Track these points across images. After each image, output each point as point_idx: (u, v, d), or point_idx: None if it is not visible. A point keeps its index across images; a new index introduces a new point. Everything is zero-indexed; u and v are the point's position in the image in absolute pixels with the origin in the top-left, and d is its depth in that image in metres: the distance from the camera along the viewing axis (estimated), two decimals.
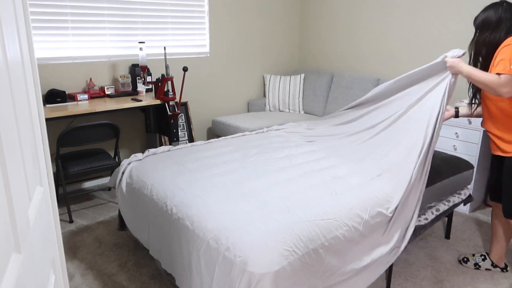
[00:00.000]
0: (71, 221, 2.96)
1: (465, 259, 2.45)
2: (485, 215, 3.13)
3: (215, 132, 4.16)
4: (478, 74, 1.95)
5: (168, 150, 2.63)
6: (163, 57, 3.87)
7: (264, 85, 4.74)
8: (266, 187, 2.02)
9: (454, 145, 3.20)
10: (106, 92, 3.46)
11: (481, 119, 2.26)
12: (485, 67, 2.06)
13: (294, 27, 4.88)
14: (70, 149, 3.22)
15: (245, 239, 1.60)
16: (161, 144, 3.74)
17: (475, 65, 2.10)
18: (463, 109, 2.32)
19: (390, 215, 1.96)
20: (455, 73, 2.13)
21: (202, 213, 1.80)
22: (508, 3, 1.98)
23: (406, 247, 2.10)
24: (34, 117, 1.02)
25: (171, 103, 3.39)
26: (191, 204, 1.88)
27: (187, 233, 1.80)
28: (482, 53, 2.06)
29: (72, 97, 3.23)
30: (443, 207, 2.42)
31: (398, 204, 1.98)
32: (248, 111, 4.70)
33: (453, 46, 3.57)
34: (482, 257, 2.41)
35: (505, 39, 1.94)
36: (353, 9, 4.30)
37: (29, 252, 0.75)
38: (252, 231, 1.63)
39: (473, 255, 2.45)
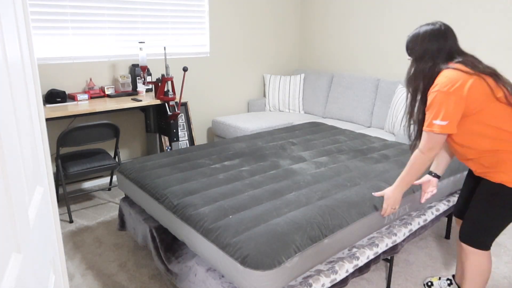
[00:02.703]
0: (71, 221, 2.96)
1: (429, 284, 2.20)
2: None
3: (215, 132, 4.16)
4: (407, 172, 1.80)
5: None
6: (163, 57, 3.87)
7: (264, 85, 4.74)
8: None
9: None
10: (106, 92, 3.46)
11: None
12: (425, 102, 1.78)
13: (294, 27, 4.88)
14: (70, 149, 3.22)
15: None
16: (161, 144, 3.73)
17: (413, 102, 1.80)
18: (438, 167, 2.04)
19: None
20: (396, 203, 1.94)
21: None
22: (445, 24, 1.73)
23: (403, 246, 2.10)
24: (34, 117, 1.02)
25: (171, 103, 3.39)
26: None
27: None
28: (420, 88, 1.76)
29: (72, 97, 3.23)
30: (443, 207, 2.42)
31: None
32: (248, 111, 4.70)
33: None
34: (448, 281, 2.16)
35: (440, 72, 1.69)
36: (353, 9, 4.30)
37: (29, 252, 0.75)
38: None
39: (439, 278, 2.20)
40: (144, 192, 2.20)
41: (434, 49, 1.70)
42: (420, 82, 1.74)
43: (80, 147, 3.28)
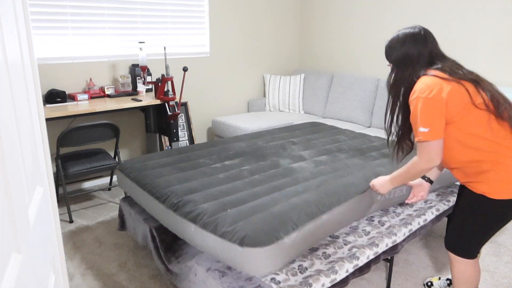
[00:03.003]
0: (71, 221, 2.96)
1: (429, 284, 2.23)
2: None
3: (215, 132, 4.16)
4: (402, 175, 1.76)
5: None
6: (163, 57, 3.87)
7: (264, 85, 4.74)
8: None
9: None
10: (106, 92, 3.46)
11: None
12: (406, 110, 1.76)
13: (294, 27, 4.88)
14: (70, 149, 3.22)
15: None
16: (161, 144, 3.74)
17: (393, 110, 1.78)
18: (432, 172, 2.01)
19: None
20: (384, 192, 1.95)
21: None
22: (425, 29, 1.70)
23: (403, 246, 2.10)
24: (34, 117, 1.02)
25: (171, 103, 3.39)
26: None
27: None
28: (401, 93, 1.74)
29: (72, 97, 3.23)
30: (443, 207, 2.42)
31: None
32: (248, 111, 4.70)
33: (455, 46, 3.57)
34: (448, 281, 2.20)
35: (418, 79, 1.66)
36: (353, 9, 4.30)
37: (29, 252, 0.75)
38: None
39: (439, 278, 2.23)
40: (144, 191, 2.20)
41: (414, 54, 1.67)
42: (401, 88, 1.72)
43: (80, 147, 3.28)
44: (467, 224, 1.73)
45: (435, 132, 1.60)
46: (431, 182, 2.02)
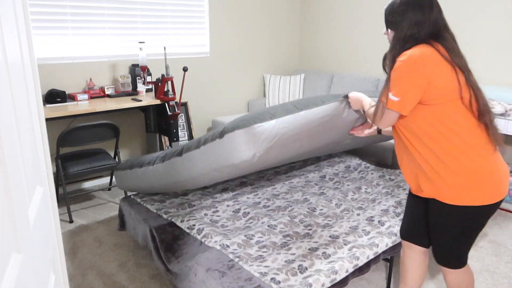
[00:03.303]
0: (71, 221, 2.96)
1: None
2: None
3: None
4: (371, 112, 1.65)
5: None
6: (163, 57, 3.87)
7: (264, 85, 4.74)
8: None
9: None
10: (106, 92, 3.46)
11: None
12: None
13: (294, 27, 4.88)
14: (70, 149, 3.22)
15: None
16: (161, 144, 3.74)
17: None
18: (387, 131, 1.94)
19: None
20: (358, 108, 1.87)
21: None
22: None
23: None
24: (34, 117, 1.02)
25: (171, 103, 3.39)
26: None
27: None
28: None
29: (72, 97, 3.23)
30: None
31: None
32: (248, 111, 4.70)
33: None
34: None
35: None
36: (353, 9, 4.30)
37: (29, 252, 0.75)
38: None
39: None
40: (138, 168, 2.24)
41: (416, 20, 1.46)
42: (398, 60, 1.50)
43: (80, 147, 3.28)
44: (449, 239, 1.61)
45: (402, 105, 1.47)
46: (379, 132, 1.93)
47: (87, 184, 3.64)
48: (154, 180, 2.15)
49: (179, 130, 3.86)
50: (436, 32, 1.47)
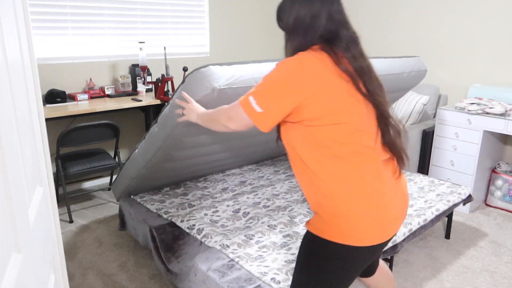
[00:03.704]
0: (71, 221, 2.96)
1: None
2: (485, 215, 3.13)
3: None
4: (208, 117, 1.40)
5: None
6: (163, 57, 3.87)
7: None
8: None
9: (454, 145, 3.20)
10: (106, 92, 3.46)
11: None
12: None
13: None
14: (70, 149, 3.22)
15: None
16: None
17: None
18: None
19: None
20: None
21: None
22: None
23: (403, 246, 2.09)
24: (34, 117, 1.02)
25: None
26: None
27: None
28: None
29: (72, 97, 3.23)
30: (443, 207, 2.42)
31: None
32: None
33: (458, 46, 3.57)
34: None
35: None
36: (353, 9, 4.30)
37: (29, 252, 0.75)
38: None
39: None
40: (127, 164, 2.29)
41: (307, 15, 1.20)
42: None
43: (80, 147, 3.28)
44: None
45: (264, 120, 1.18)
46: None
47: (87, 184, 3.64)
48: (141, 161, 2.17)
49: None
50: (332, 32, 1.21)
